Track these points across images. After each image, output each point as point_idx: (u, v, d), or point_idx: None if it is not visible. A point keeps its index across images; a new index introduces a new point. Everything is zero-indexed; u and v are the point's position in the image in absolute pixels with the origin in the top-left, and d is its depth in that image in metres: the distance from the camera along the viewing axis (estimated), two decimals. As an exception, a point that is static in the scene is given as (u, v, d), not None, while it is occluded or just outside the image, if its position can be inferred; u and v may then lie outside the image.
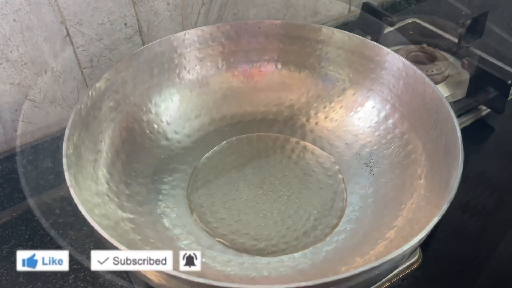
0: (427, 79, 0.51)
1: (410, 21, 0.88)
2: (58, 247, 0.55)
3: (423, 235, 0.37)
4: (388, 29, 0.84)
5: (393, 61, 0.56)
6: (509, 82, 0.64)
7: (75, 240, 0.55)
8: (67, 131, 0.45)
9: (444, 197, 0.40)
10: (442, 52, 0.78)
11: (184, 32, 0.59)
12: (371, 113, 0.59)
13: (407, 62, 0.54)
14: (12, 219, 0.58)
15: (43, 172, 0.61)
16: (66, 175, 0.40)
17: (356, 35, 0.58)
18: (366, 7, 0.82)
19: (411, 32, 0.86)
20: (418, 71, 0.52)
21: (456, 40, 0.81)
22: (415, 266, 0.50)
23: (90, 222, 0.37)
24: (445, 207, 0.38)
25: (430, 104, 0.51)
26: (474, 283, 0.50)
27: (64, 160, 0.42)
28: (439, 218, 0.37)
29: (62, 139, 0.46)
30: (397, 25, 0.85)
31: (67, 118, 0.60)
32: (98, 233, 0.37)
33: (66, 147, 0.43)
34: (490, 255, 0.52)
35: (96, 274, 0.52)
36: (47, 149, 0.61)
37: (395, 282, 0.49)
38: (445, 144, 0.47)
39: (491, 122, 0.68)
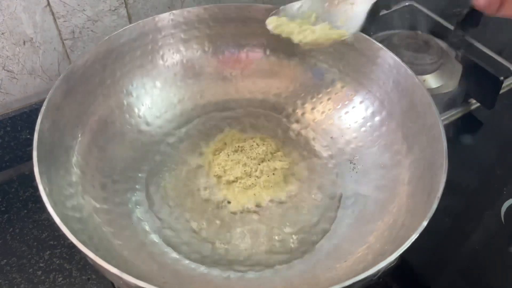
0: (417, 80, 0.50)
1: (407, 4, 0.86)
2: (34, 220, 0.55)
3: (399, 253, 0.36)
4: (384, 12, 0.81)
5: (385, 57, 0.54)
6: (501, 78, 0.63)
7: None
8: (39, 120, 0.43)
9: (423, 213, 0.39)
10: (437, 40, 0.76)
11: (169, 12, 0.57)
12: (358, 108, 0.57)
13: (398, 60, 0.52)
14: (-12, 190, 0.58)
15: (21, 143, 0.61)
16: (36, 171, 0.39)
17: (349, 27, 0.56)
18: (363, -12, 0.79)
19: (407, 16, 0.83)
20: (409, 70, 0.51)
21: (452, 28, 0.79)
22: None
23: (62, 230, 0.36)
24: (424, 223, 0.38)
25: (419, 107, 0.50)
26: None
27: (35, 154, 0.40)
28: (417, 235, 0.37)
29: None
30: (393, 8, 0.83)
31: (47, 89, 0.59)
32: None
33: (37, 138, 0.41)
34: (474, 256, 0.52)
35: (73, 250, 0.52)
36: (26, 120, 0.60)
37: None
38: (430, 151, 0.46)
39: (480, 117, 0.68)
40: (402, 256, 0.47)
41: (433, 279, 0.51)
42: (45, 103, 0.46)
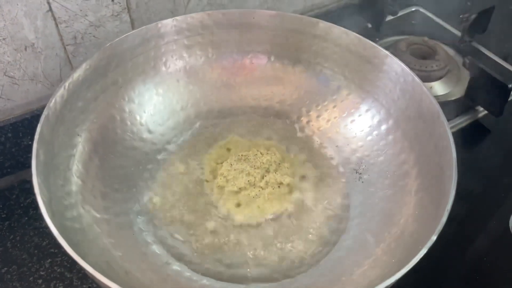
0: (425, 89, 0.49)
1: (413, 9, 0.86)
2: (35, 228, 0.54)
3: (407, 269, 0.35)
4: (390, 18, 0.81)
5: (392, 64, 0.53)
6: (510, 86, 0.63)
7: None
8: (38, 129, 0.43)
9: (432, 225, 0.38)
10: (444, 46, 0.76)
11: (172, 18, 0.57)
12: (364, 116, 0.57)
13: (405, 68, 0.51)
14: (-11, 196, 0.57)
15: (22, 149, 0.61)
16: (35, 181, 0.38)
17: (355, 33, 0.55)
18: (369, -8, 0.79)
19: (413, 22, 0.83)
20: (416, 78, 0.50)
21: (459, 34, 0.79)
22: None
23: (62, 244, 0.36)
24: (433, 238, 0.37)
25: (427, 116, 0.49)
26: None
27: (33, 163, 0.39)
28: (426, 250, 0.36)
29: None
30: (400, 13, 0.83)
31: (48, 95, 0.59)
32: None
33: (36, 147, 0.41)
34: (481, 266, 0.51)
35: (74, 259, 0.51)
36: (27, 126, 0.60)
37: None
38: (438, 161, 0.46)
39: (488, 124, 0.67)
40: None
41: (439, 286, 0.50)
42: (45, 111, 0.45)
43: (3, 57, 0.55)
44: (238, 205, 0.51)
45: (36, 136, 0.42)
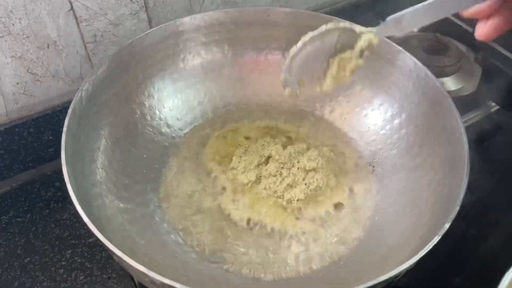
0: (438, 83, 0.50)
1: (425, 6, 0.85)
2: (56, 220, 0.56)
3: (420, 255, 0.36)
4: (402, 14, 0.81)
5: (405, 60, 0.54)
6: (522, 80, 0.63)
7: (74, 214, 0.55)
8: (66, 121, 0.44)
9: (445, 214, 0.39)
10: (456, 42, 0.76)
11: (190, 16, 0.58)
12: (378, 111, 0.57)
13: (418, 63, 0.52)
14: (11, 189, 0.59)
15: (43, 144, 0.62)
16: (65, 170, 0.40)
17: (368, 30, 0.56)
18: (382, -10, 0.80)
19: (425, 19, 0.83)
20: (429, 73, 0.51)
21: (471, 30, 0.79)
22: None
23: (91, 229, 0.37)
24: (446, 225, 0.38)
25: (440, 110, 0.50)
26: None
27: (63, 153, 0.41)
28: (439, 237, 0.37)
29: (63, 113, 0.46)
30: (411, 10, 0.82)
31: (69, 92, 0.61)
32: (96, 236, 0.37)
33: (65, 139, 0.42)
34: (492, 260, 0.52)
35: (94, 250, 0.53)
36: (48, 122, 0.61)
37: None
38: (451, 154, 0.46)
39: (500, 119, 0.67)
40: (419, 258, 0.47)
41: (451, 281, 0.51)
42: (71, 105, 0.46)
43: (27, 55, 0.57)
44: (252, 202, 0.52)
45: (64, 128, 0.44)
